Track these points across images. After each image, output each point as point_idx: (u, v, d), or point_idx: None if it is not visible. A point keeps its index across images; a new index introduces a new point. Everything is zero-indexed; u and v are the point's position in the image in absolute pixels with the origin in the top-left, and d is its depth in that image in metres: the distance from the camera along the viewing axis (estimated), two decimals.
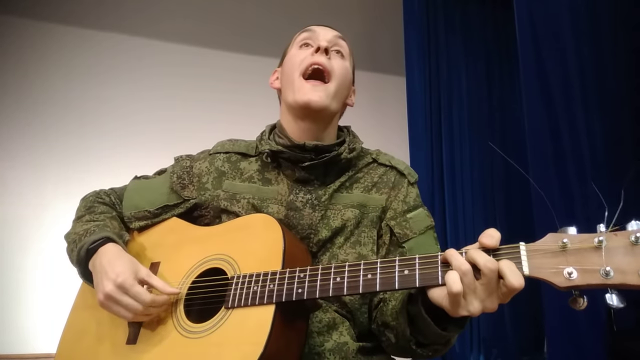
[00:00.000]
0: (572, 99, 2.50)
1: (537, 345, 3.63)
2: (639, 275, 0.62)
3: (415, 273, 0.73)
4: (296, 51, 1.09)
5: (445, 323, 0.78)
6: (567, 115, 2.48)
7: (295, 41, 1.12)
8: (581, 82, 2.51)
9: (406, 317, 0.82)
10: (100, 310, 0.93)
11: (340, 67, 1.06)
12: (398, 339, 0.86)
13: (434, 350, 0.84)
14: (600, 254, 0.65)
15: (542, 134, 2.51)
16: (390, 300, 0.91)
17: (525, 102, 2.63)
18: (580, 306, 0.67)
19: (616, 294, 0.64)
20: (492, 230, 0.72)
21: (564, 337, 2.37)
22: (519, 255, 0.69)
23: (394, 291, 0.95)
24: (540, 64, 2.56)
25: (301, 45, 1.09)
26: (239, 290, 0.85)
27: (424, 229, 1.01)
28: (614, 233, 0.66)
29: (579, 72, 2.52)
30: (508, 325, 3.65)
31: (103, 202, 1.14)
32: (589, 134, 2.44)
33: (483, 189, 3.81)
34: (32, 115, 3.81)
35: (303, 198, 1.00)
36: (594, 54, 2.54)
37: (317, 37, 1.08)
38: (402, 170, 1.09)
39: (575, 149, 2.40)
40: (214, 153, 1.12)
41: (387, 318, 0.89)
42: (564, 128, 2.47)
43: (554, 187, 2.38)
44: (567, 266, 0.66)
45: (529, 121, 2.61)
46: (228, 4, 4.38)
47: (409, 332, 0.82)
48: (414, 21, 3.67)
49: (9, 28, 3.86)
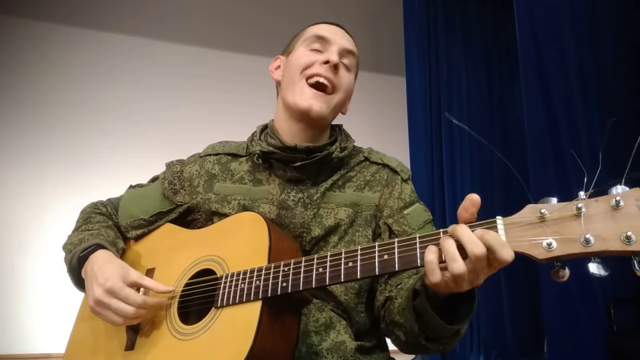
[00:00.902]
0: (572, 99, 2.50)
1: (537, 345, 3.63)
2: (621, 241, 0.59)
3: (394, 257, 0.72)
4: (305, 52, 1.05)
5: (451, 316, 0.77)
6: (567, 115, 2.49)
7: (307, 39, 1.07)
8: (581, 82, 2.51)
9: (413, 313, 0.82)
10: (100, 320, 0.94)
11: (346, 82, 1.05)
12: (407, 336, 0.86)
13: (445, 343, 0.83)
14: (579, 221, 0.62)
15: (542, 134, 2.51)
16: (397, 297, 0.91)
17: (525, 102, 2.63)
18: (562, 278, 0.64)
19: (599, 262, 0.62)
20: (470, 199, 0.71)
21: (564, 337, 2.37)
22: (495, 229, 0.67)
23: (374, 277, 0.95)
24: (540, 64, 2.56)
25: (311, 48, 1.05)
26: (227, 289, 0.85)
27: (422, 224, 1.01)
28: (595, 199, 0.62)
29: (579, 72, 2.52)
30: (508, 326, 3.66)
31: (100, 213, 1.14)
32: (589, 134, 2.44)
33: (483, 189, 3.81)
34: (32, 115, 3.82)
35: (295, 197, 1.00)
36: (594, 54, 2.54)
37: (330, 46, 1.04)
38: (395, 167, 1.08)
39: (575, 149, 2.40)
40: (204, 156, 1.12)
41: (394, 316, 0.89)
42: (564, 128, 2.48)
43: (554, 187, 2.38)
44: (546, 237, 0.63)
45: (529, 121, 2.61)
46: (228, 4, 4.39)
47: (417, 328, 0.82)
48: (414, 21, 3.68)
49: (9, 28, 3.87)
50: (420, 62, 3.67)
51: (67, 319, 1.17)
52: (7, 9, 3.87)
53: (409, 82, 3.64)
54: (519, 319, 3.68)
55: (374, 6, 4.62)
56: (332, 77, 1.02)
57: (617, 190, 0.61)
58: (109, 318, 0.91)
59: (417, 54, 3.65)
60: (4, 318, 3.39)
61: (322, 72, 1.01)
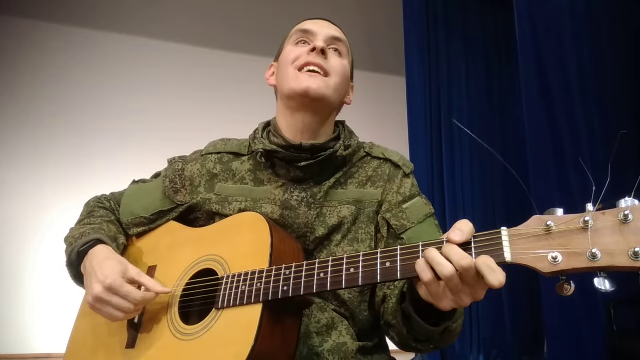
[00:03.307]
0: (572, 99, 2.50)
1: (537, 345, 3.63)
2: (629, 257, 0.57)
3: (396, 265, 0.71)
4: (292, 48, 1.05)
5: (436, 317, 0.77)
6: (567, 115, 2.49)
7: (292, 37, 1.08)
8: (581, 82, 2.51)
9: (402, 316, 0.82)
10: (100, 316, 0.94)
11: (338, 64, 1.03)
12: (399, 337, 0.86)
13: (435, 342, 0.83)
14: (586, 235, 0.60)
15: (542, 134, 2.52)
16: (391, 297, 0.90)
17: (525, 102, 2.63)
18: (567, 292, 0.62)
19: (606, 277, 0.60)
20: (462, 223, 0.68)
21: (564, 337, 2.37)
22: (500, 241, 0.65)
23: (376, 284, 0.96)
24: (540, 64, 2.56)
25: (297, 42, 1.05)
26: (228, 291, 0.85)
27: (422, 218, 0.99)
28: (602, 212, 0.60)
29: (579, 72, 2.52)
30: (508, 325, 3.65)
31: (103, 207, 1.14)
32: (589, 134, 2.44)
33: (482, 188, 3.82)
34: (32, 115, 3.81)
35: (298, 197, 0.99)
36: (594, 54, 2.54)
37: (314, 36, 1.04)
38: (397, 162, 1.06)
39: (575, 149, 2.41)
40: (206, 154, 1.10)
41: (388, 317, 0.89)
42: (564, 128, 2.48)
43: (554, 186, 2.38)
44: (551, 250, 0.61)
45: (528, 121, 2.61)
46: (228, 4, 4.38)
47: (405, 331, 0.82)
48: (414, 21, 3.67)
49: (9, 28, 3.86)
50: (420, 62, 3.66)
51: (67, 319, 1.17)
52: (7, 8, 3.86)
53: (409, 82, 3.63)
54: (519, 319, 3.68)
55: (374, 6, 4.62)
56: (321, 62, 1.00)
57: (627, 204, 0.59)
58: (109, 314, 0.91)
59: (417, 54, 3.64)
60: (4, 318, 3.38)
61: (310, 59, 0.99)
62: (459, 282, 0.65)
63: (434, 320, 0.77)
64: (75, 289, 1.07)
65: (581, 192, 2.27)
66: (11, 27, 3.87)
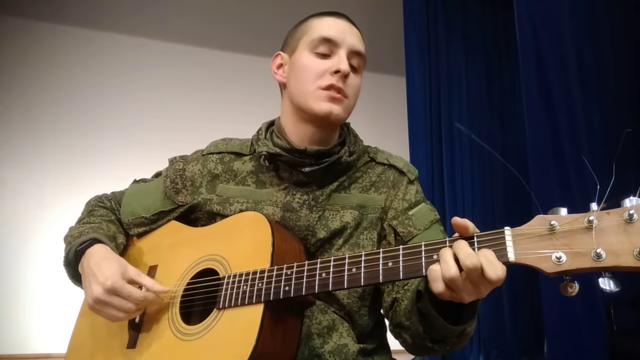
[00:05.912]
0: (572, 99, 2.50)
1: (537, 345, 3.63)
2: (634, 257, 0.56)
3: (399, 265, 0.71)
4: (311, 59, 0.99)
5: (456, 316, 0.77)
6: (567, 115, 2.49)
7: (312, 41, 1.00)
8: (581, 82, 2.51)
9: (418, 316, 0.82)
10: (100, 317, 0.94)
11: (356, 85, 1.02)
12: (414, 338, 0.85)
13: (451, 343, 0.82)
14: (590, 235, 0.59)
15: (542, 134, 2.52)
16: (403, 299, 0.90)
17: (525, 102, 2.63)
18: (571, 293, 0.62)
19: (611, 277, 0.59)
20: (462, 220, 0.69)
21: (563, 337, 2.37)
22: (503, 240, 0.65)
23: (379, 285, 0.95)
24: (540, 64, 2.56)
25: (318, 52, 0.99)
26: (229, 291, 0.84)
27: (428, 224, 0.98)
28: (606, 211, 0.59)
29: (579, 72, 2.52)
30: (508, 326, 3.65)
31: (104, 206, 1.13)
32: (589, 134, 2.44)
33: (482, 189, 3.82)
34: (32, 115, 3.82)
35: (300, 199, 0.98)
36: (594, 54, 2.54)
37: (338, 49, 0.99)
38: (401, 168, 1.05)
39: (575, 149, 2.41)
40: (207, 154, 1.10)
41: (400, 319, 0.88)
42: (564, 128, 2.48)
43: (554, 186, 2.38)
44: (555, 250, 0.61)
45: (529, 121, 2.61)
46: (228, 4, 4.38)
47: (422, 330, 0.81)
48: (414, 21, 3.67)
49: (9, 28, 3.86)
50: (420, 62, 3.66)
51: (67, 319, 1.17)
52: (8, 8, 3.86)
53: (409, 82, 3.63)
54: (519, 319, 3.68)
55: (374, 6, 4.62)
56: (343, 86, 0.98)
57: (632, 203, 0.59)
58: (110, 314, 0.90)
59: (417, 54, 3.64)
60: (4, 318, 3.39)
61: (334, 82, 0.97)
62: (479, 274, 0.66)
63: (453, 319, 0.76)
64: (75, 289, 1.07)
65: (582, 192, 2.27)
66: (11, 27, 3.87)
